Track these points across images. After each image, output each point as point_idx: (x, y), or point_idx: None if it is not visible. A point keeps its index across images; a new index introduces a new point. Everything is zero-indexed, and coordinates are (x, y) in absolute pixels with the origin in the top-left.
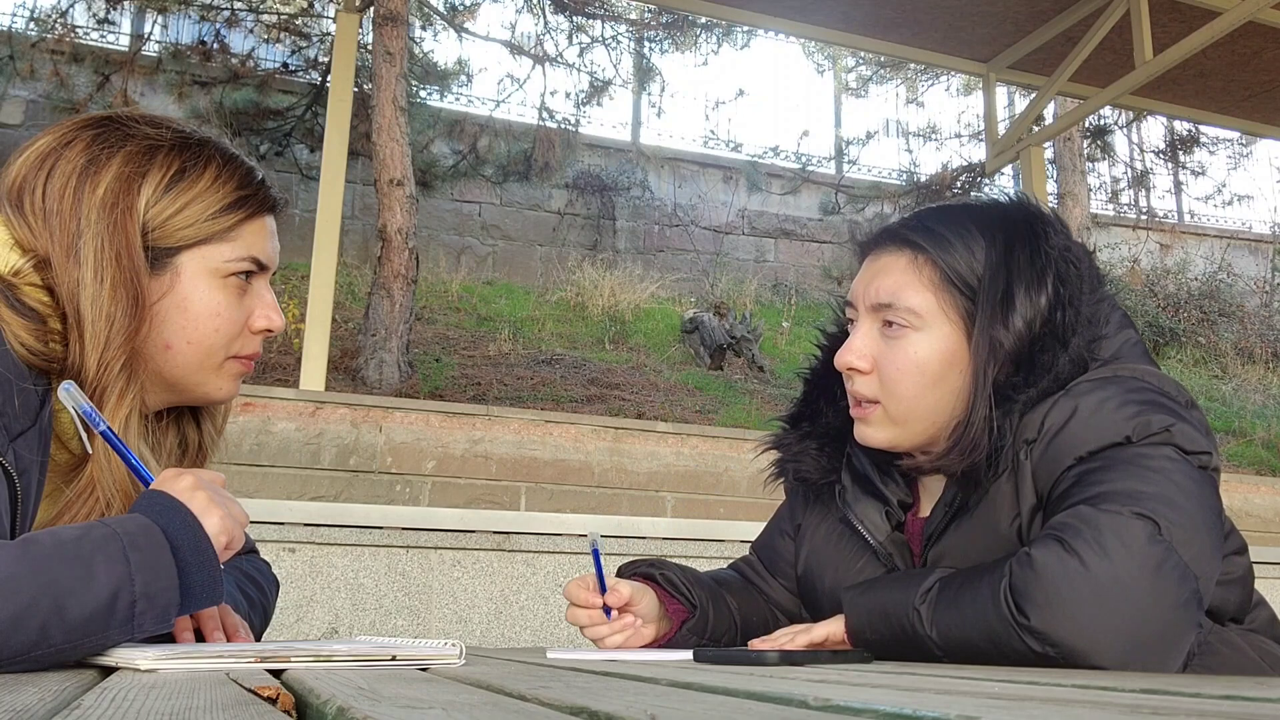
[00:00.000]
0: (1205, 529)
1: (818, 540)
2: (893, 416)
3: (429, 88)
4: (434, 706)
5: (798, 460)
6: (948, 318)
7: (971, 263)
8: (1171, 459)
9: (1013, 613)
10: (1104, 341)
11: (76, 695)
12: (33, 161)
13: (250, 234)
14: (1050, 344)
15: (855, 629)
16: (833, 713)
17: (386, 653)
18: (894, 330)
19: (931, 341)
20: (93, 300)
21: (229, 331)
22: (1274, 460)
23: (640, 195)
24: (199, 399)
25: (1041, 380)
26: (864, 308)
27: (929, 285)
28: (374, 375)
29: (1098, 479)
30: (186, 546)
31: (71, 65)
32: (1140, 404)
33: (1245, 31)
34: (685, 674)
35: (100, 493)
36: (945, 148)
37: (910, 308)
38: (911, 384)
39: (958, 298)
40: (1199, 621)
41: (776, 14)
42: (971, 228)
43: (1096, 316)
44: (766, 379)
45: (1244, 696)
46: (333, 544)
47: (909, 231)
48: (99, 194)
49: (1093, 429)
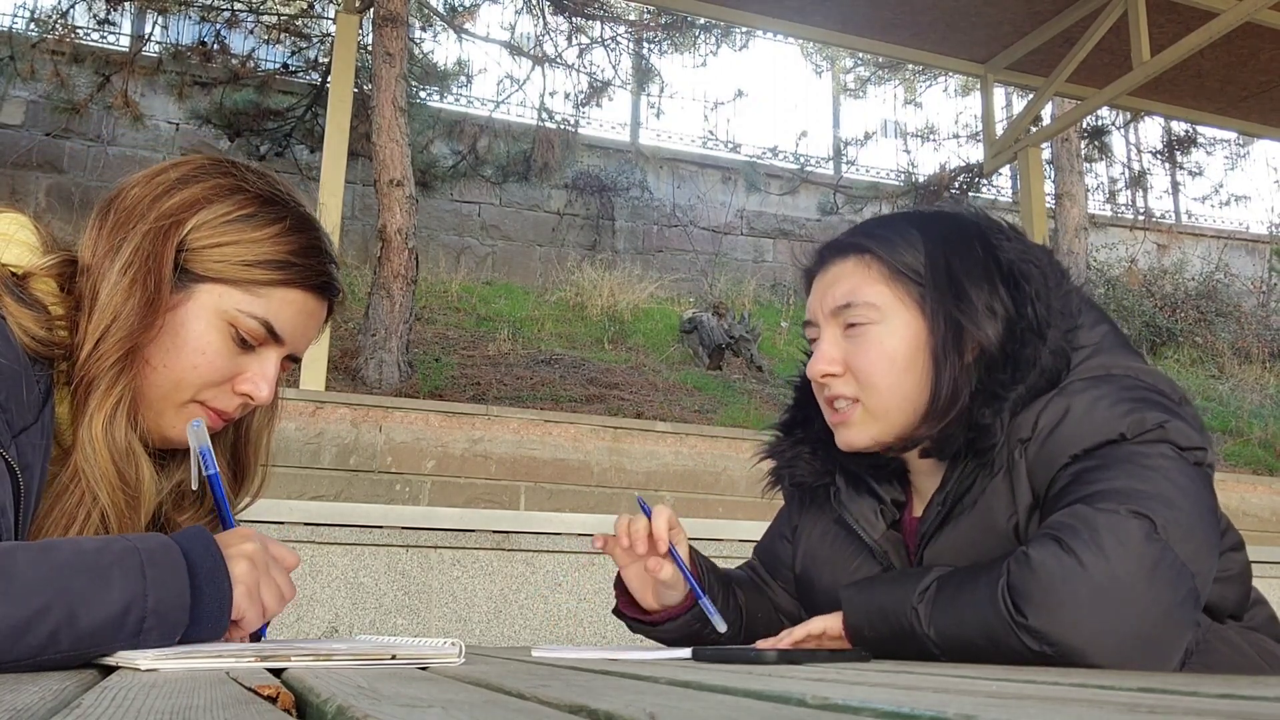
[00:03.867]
0: (1201, 526)
1: (813, 540)
2: (873, 411)
3: (429, 88)
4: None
5: (792, 466)
6: (904, 304)
7: (915, 254)
8: (1167, 456)
9: (1010, 612)
10: (1080, 331)
11: (76, 695)
12: (143, 174)
13: (278, 300)
14: (1029, 338)
15: (853, 627)
16: (831, 711)
17: (386, 652)
18: (856, 329)
19: (894, 330)
20: (111, 288)
21: (206, 375)
22: (1271, 460)
23: (639, 196)
24: (153, 430)
25: (1028, 375)
26: (823, 317)
27: (880, 278)
28: (374, 375)
29: (1094, 477)
30: (204, 575)
31: (72, 66)
32: (1134, 401)
33: (1242, 32)
34: (684, 673)
35: (85, 483)
36: (943, 148)
37: (868, 301)
38: (884, 374)
39: (910, 285)
40: (1196, 619)
41: (775, 15)
42: (909, 227)
43: (1068, 307)
44: (765, 379)
45: (1241, 695)
46: (333, 543)
47: (849, 239)
48: (164, 206)
49: (1087, 427)
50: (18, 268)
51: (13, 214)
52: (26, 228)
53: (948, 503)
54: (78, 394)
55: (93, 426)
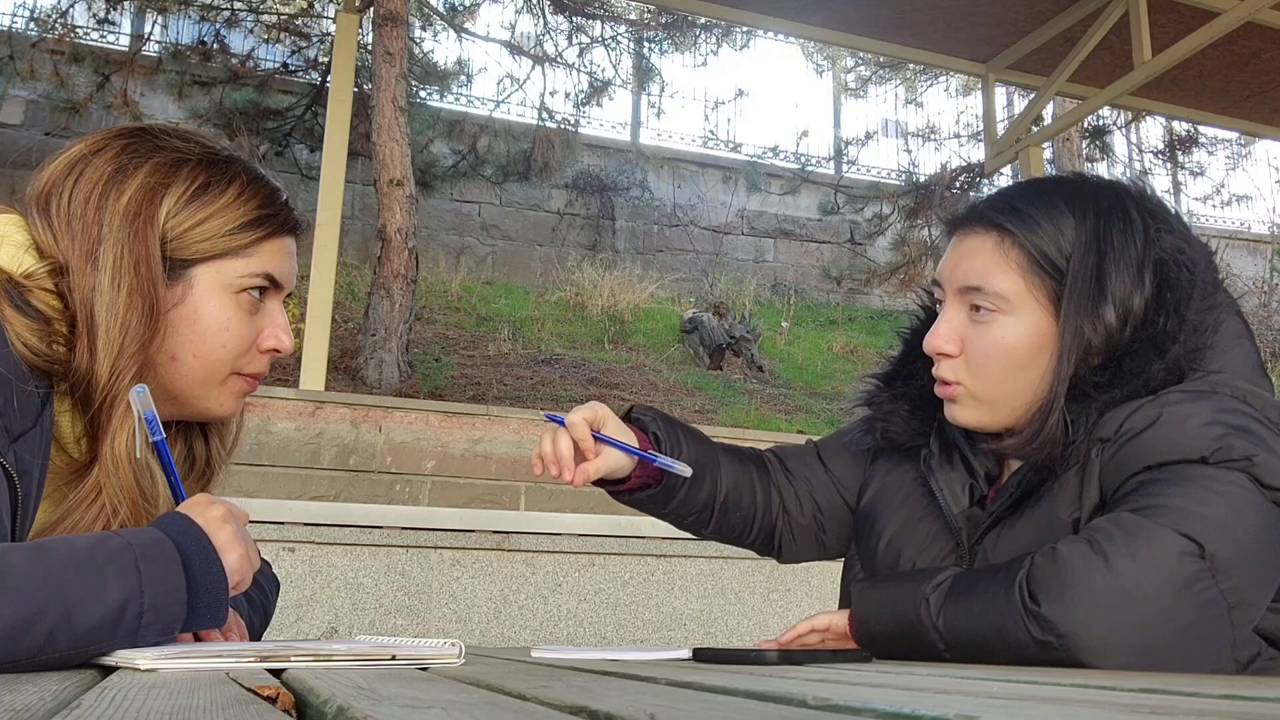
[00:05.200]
0: (1260, 565)
1: (890, 486)
2: (978, 398)
3: (429, 88)
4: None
5: (888, 420)
6: (1037, 301)
7: (1060, 243)
8: (1242, 487)
9: (1024, 599)
10: (1209, 352)
11: (76, 695)
12: (62, 168)
13: (268, 252)
14: (1144, 350)
15: (860, 618)
16: (832, 712)
17: (386, 652)
18: (982, 314)
19: (1020, 325)
20: (109, 306)
21: (236, 348)
22: None
23: (640, 195)
24: (199, 413)
25: (1127, 384)
26: (951, 290)
27: (1016, 268)
28: (374, 375)
29: (1156, 490)
30: (198, 566)
31: (71, 65)
32: (1230, 427)
33: (1244, 32)
34: (685, 673)
35: (107, 500)
36: (944, 148)
37: (998, 292)
38: (998, 368)
39: (1046, 280)
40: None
41: (776, 14)
42: (1060, 205)
43: (1204, 324)
44: (765, 379)
45: (1243, 695)
46: (332, 543)
47: (995, 213)
48: (123, 202)
49: (1171, 441)
50: (9, 271)
51: (8, 214)
52: (21, 228)
53: (1019, 491)
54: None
55: (115, 445)
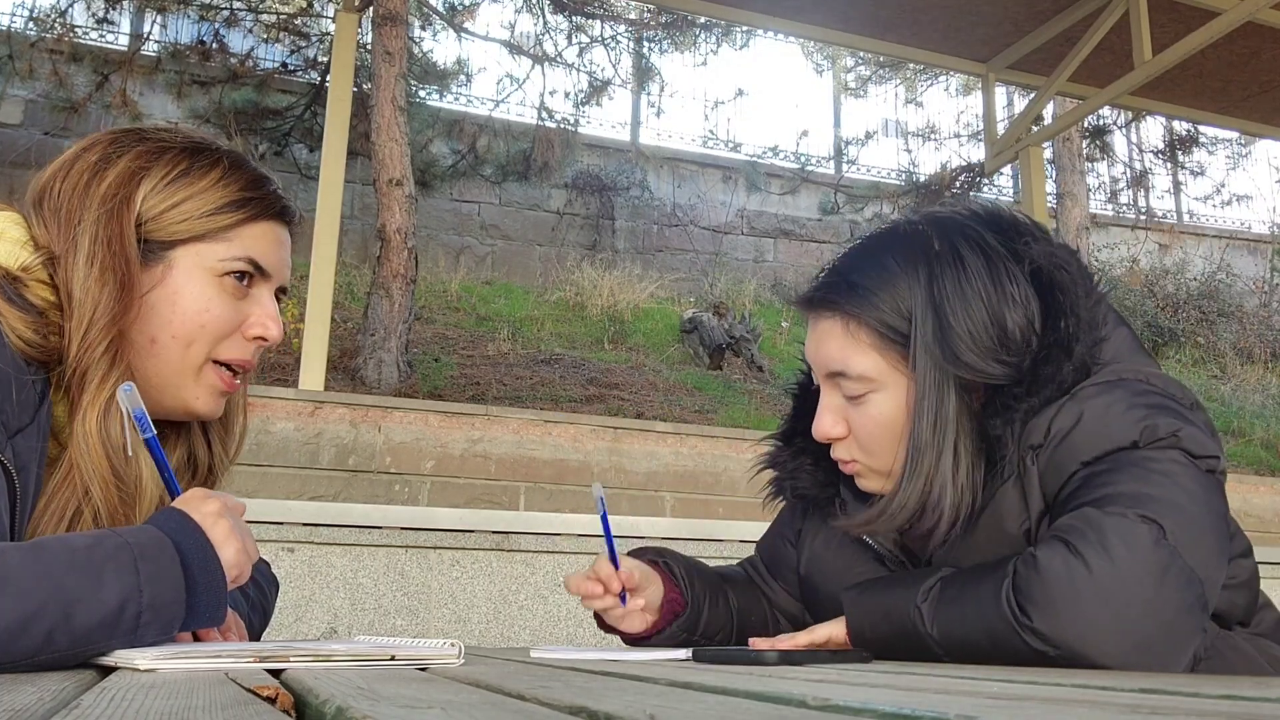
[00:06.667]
0: (1211, 534)
1: (818, 546)
2: (878, 471)
3: (428, 88)
4: (433, 706)
5: (794, 477)
6: (899, 371)
7: (898, 307)
8: (1178, 463)
9: (1015, 613)
10: (1104, 344)
11: (75, 695)
12: (56, 166)
13: (251, 236)
14: (1054, 355)
15: (856, 628)
16: (832, 712)
17: (385, 652)
18: (856, 399)
19: (892, 399)
20: (82, 283)
21: (216, 329)
22: (1273, 460)
23: (639, 195)
24: (179, 407)
25: (1044, 390)
26: (820, 376)
27: (870, 346)
28: (373, 375)
29: (1103, 481)
30: (196, 564)
31: (71, 65)
32: (1147, 408)
33: (1244, 32)
34: (684, 674)
35: (77, 477)
36: (944, 148)
37: (861, 374)
38: (886, 442)
39: (900, 349)
40: (1204, 626)
41: (776, 14)
42: (891, 265)
43: (1095, 319)
44: (765, 379)
45: (1243, 696)
46: (332, 544)
47: (836, 295)
48: (103, 187)
49: (1099, 434)
50: (4, 265)
51: (6, 211)
52: (18, 224)
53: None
54: (71, 391)
55: (86, 421)
